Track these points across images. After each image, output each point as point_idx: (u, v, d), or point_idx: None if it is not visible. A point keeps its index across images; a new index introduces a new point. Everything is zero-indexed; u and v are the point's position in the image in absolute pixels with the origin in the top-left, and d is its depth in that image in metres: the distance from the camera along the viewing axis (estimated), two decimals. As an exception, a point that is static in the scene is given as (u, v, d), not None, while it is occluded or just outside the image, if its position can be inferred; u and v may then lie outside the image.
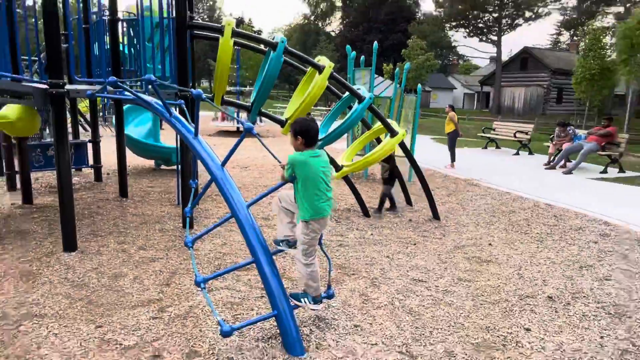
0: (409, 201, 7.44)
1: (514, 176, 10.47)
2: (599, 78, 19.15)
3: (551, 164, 11.90)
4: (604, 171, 11.26)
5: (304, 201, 3.06)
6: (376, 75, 10.16)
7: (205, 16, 66.34)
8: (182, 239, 5.14)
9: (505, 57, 43.68)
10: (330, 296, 3.50)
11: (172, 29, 5.44)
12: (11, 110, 5.73)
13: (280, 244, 3.38)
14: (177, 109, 4.53)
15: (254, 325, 3.24)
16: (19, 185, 6.81)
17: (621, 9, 34.87)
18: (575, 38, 43.22)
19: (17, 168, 6.90)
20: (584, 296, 4.12)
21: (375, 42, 9.03)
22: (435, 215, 6.58)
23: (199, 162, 3.72)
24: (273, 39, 5.45)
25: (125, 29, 6.57)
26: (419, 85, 9.73)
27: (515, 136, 14.94)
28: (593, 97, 20.38)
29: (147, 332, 3.21)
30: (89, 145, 8.25)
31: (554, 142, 12.44)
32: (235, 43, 5.58)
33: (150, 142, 9.60)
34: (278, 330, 3.11)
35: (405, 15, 43.84)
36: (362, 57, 9.69)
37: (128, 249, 4.86)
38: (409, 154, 6.90)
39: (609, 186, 9.75)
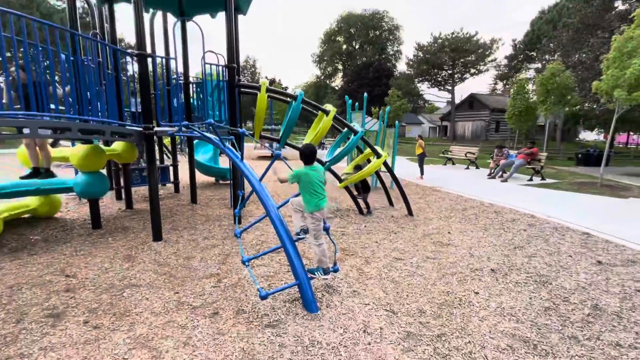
0: (391, 202, 7.35)
1: (465, 184, 10.28)
2: (524, 114, 18.84)
3: (492, 175, 11.68)
4: (530, 179, 11.00)
5: (307, 199, 3.17)
6: (367, 116, 10.17)
7: (249, 77, 67.31)
8: (233, 231, 5.17)
9: (457, 100, 43.29)
10: (335, 270, 3.47)
11: (225, 88, 5.51)
12: (118, 145, 5.89)
13: (299, 233, 3.38)
14: (230, 142, 4.60)
15: (283, 291, 3.23)
16: (123, 196, 6.91)
17: (539, 65, 34.37)
18: (507, 86, 42.69)
19: (122, 184, 7.02)
20: (517, 269, 4.01)
21: (365, 93, 9.05)
22: (410, 212, 6.49)
23: (244, 177, 3.74)
24: (294, 93, 5.51)
25: (194, 88, 6.68)
26: (397, 122, 9.67)
27: (466, 155, 14.72)
28: (521, 127, 19.98)
29: (209, 296, 3.22)
30: (171, 168, 8.36)
31: (493, 159, 12.22)
32: (268, 96, 5.66)
33: (212, 164, 9.69)
34: (299, 295, 3.10)
35: (386, 73, 43.84)
36: (357, 104, 9.71)
37: (197, 239, 4.88)
38: (390, 170, 6.85)
39: (534, 190, 9.52)
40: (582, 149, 19.54)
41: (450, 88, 42.11)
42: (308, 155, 3.24)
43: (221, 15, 6.32)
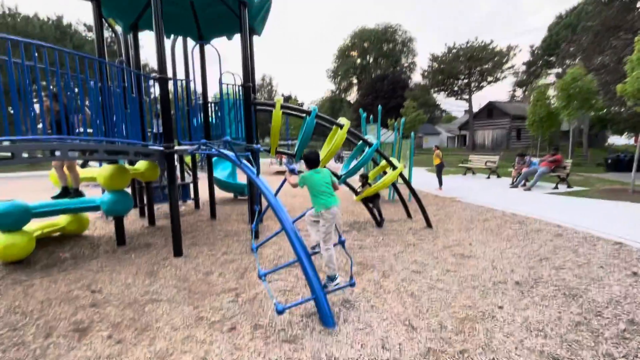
0: (409, 214, 7.23)
1: (486, 194, 9.99)
2: (546, 120, 18.27)
3: (514, 184, 11.30)
4: (556, 187, 10.56)
5: (314, 201, 3.28)
6: (383, 128, 10.17)
7: (266, 94, 69.03)
8: (250, 246, 5.22)
9: (475, 109, 42.64)
10: (352, 285, 3.42)
11: (242, 107, 5.68)
12: (141, 164, 6.14)
13: (315, 247, 3.38)
14: (246, 158, 4.70)
15: (299, 306, 3.21)
16: (146, 213, 7.14)
17: (559, 70, 33.49)
18: (526, 93, 41.75)
19: (145, 202, 7.27)
20: (544, 281, 3.82)
21: (380, 106, 9.10)
22: (429, 224, 6.35)
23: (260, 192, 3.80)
24: (308, 109, 5.61)
25: (213, 107, 6.92)
26: (412, 133, 9.63)
27: (486, 165, 14.34)
28: (543, 134, 19.36)
29: (227, 311, 3.25)
30: (191, 185, 8.59)
31: (515, 168, 11.85)
32: (284, 112, 5.79)
33: (230, 180, 9.90)
34: (316, 309, 3.07)
35: (401, 85, 43.85)
36: (371, 117, 9.75)
37: (215, 254, 4.96)
38: (406, 181, 6.76)
39: (560, 198, 9.12)
40: (612, 154, 18.64)
41: (467, 97, 41.58)
42: (310, 160, 3.41)
43: (237, 37, 6.57)
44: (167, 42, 6.48)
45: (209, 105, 6.84)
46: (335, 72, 61.26)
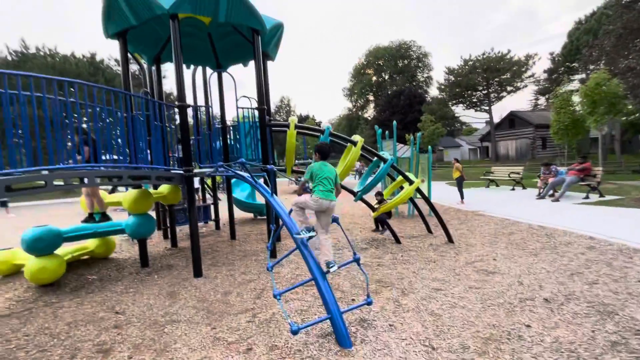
0: (429, 230, 7.05)
1: (511, 206, 9.61)
2: (571, 127, 17.58)
3: (541, 194, 10.83)
4: (586, 197, 10.02)
5: (316, 188, 3.33)
6: (400, 144, 10.14)
7: (284, 115, 70.66)
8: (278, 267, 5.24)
9: (496, 120, 41.75)
10: (369, 303, 3.34)
11: (257, 129, 5.85)
12: (164, 187, 6.38)
13: (301, 232, 3.35)
14: (263, 178, 4.81)
15: (316, 325, 3.17)
16: (169, 235, 7.34)
17: (583, 76, 32.43)
18: (549, 100, 40.62)
19: (168, 224, 7.50)
20: (576, 298, 3.59)
21: (395, 121, 9.11)
22: (450, 239, 6.16)
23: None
24: (322, 127, 5.71)
25: (231, 131, 7.14)
26: (430, 147, 9.52)
27: (509, 176, 13.87)
28: (570, 141, 18.59)
29: (244, 331, 3.24)
30: (212, 206, 8.80)
31: (541, 178, 11.38)
32: (299, 132, 5.92)
33: (250, 201, 10.06)
34: (332, 329, 3.02)
35: (418, 100, 43.69)
36: (387, 132, 9.75)
37: (234, 274, 5.00)
38: (424, 196, 6.63)
39: (592, 208, 8.63)
40: (648, 160, 17.56)
41: (487, 108, 40.86)
42: (322, 151, 3.51)
43: (252, 64, 6.86)
44: (188, 72, 6.86)
45: (227, 128, 7.09)
46: (352, 90, 62.11)
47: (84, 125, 4.43)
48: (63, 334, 3.42)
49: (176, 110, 4.97)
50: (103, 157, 4.23)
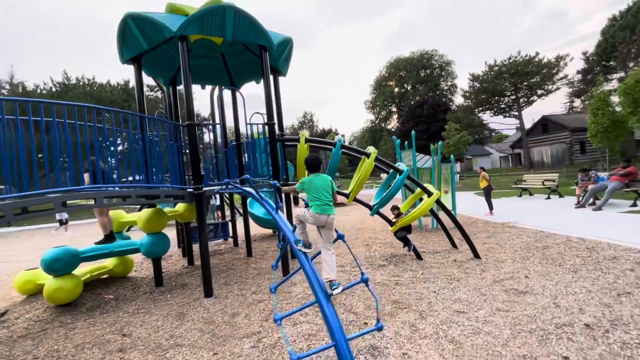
0: (453, 244, 6.59)
1: (546, 217, 8.86)
2: (612, 129, 16.25)
3: (580, 203, 9.93)
4: (634, 205, 9.05)
5: (312, 204, 3.17)
6: (421, 154, 9.77)
7: (307, 130, 71.49)
8: (282, 286, 5.06)
9: (528, 125, 39.80)
10: (379, 329, 3.03)
11: (264, 144, 5.79)
12: (180, 206, 6.43)
13: (298, 243, 3.13)
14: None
15: (320, 353, 2.91)
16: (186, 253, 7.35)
17: (622, 74, 30.32)
18: (585, 102, 38.24)
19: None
20: (624, 323, 3.09)
21: (413, 131, 8.79)
22: (476, 255, 5.69)
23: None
24: (335, 140, 5.55)
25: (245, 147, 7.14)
26: (452, 156, 9.07)
27: (543, 184, 12.93)
28: (611, 145, 17.17)
29: (246, 357, 3.05)
30: (230, 223, 8.80)
31: (579, 185, 10.48)
32: (311, 146, 5.81)
33: (268, 217, 9.97)
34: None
35: (442, 109, 42.61)
36: (406, 142, 9.44)
37: (245, 294, 4.85)
38: (445, 208, 6.21)
39: (641, 217, 7.76)
40: None
41: (516, 113, 39.11)
42: (311, 164, 3.35)
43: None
44: (205, 92, 6.97)
45: (242, 145, 7.10)
46: (374, 102, 61.96)
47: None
48: (69, 357, 3.39)
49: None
50: (114, 177, 4.31)
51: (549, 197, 12.43)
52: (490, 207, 10.05)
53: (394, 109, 61.26)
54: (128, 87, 29.75)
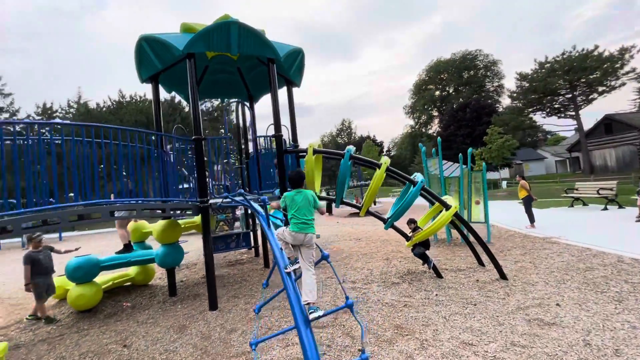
0: (480, 262, 5.99)
1: (597, 231, 7.75)
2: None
3: (644, 216, 8.58)
4: None
5: (291, 222, 3.03)
6: (449, 162, 9.17)
7: (346, 138, 71.33)
8: (286, 300, 4.92)
9: (589, 126, 35.88)
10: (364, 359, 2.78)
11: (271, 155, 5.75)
12: (198, 218, 6.61)
13: (288, 265, 3.03)
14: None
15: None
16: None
17: None
18: (659, 98, 33.62)
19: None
20: (671, 374, 2.50)
21: (439, 137, 8.26)
22: (502, 275, 5.09)
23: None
24: (345, 150, 5.37)
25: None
26: (484, 163, 8.35)
27: (598, 193, 11.43)
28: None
29: (225, 381, 2.95)
30: (252, 233, 8.89)
31: (641, 195, 9.07)
32: (325, 157, 5.69)
33: (291, 227, 9.95)
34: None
35: (486, 111, 40.01)
36: (433, 149, 8.90)
37: (249, 308, 4.79)
38: (465, 222, 5.66)
39: None
40: None
41: (573, 113, 35.53)
42: (293, 180, 3.23)
43: (282, 93, 6.92)
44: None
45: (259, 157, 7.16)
46: (413, 107, 60.25)
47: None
48: (71, 365, 3.54)
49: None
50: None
51: (605, 208, 10.94)
52: (532, 219, 9.08)
53: (435, 113, 59.01)
54: (174, 102, 32.06)
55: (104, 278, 5.83)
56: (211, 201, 4.96)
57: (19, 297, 6.52)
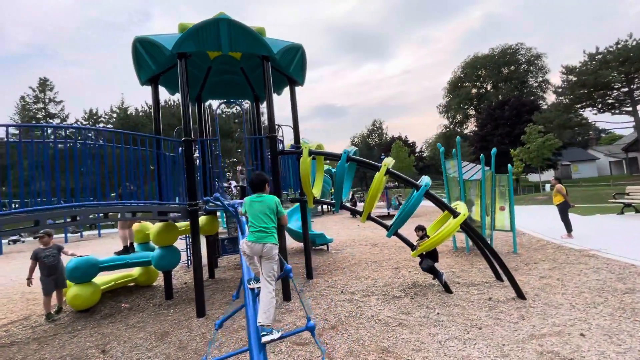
0: (498, 276, 5.32)
1: (652, 244, 6.68)
2: None
3: None
4: None
5: (249, 228, 2.80)
6: (471, 163, 8.43)
7: (376, 138, 70.06)
8: (276, 308, 4.66)
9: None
10: (323, 393, 2.42)
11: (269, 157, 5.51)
12: (201, 219, 6.52)
13: (250, 281, 2.82)
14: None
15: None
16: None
17: None
18: None
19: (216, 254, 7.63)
20: None
21: (458, 137, 7.60)
22: (519, 294, 4.43)
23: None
24: (342, 152, 5.01)
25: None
26: (510, 165, 7.53)
27: (656, 199, 9.97)
28: None
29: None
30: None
31: None
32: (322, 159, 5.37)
33: (301, 230, 9.69)
34: None
35: (527, 108, 37.13)
36: (453, 150, 8.20)
37: (237, 316, 4.46)
38: (473, 230, 5.04)
39: None
40: None
41: (630, 109, 32.01)
42: (253, 184, 2.94)
43: (286, 91, 6.67)
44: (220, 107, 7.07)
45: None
46: (448, 106, 57.72)
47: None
48: (47, 369, 3.52)
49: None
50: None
51: (664, 217, 9.52)
52: (569, 228, 8.06)
53: (472, 112, 56.06)
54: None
55: (106, 278, 5.92)
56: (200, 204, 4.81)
57: (38, 292, 6.84)
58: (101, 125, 32.37)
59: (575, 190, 23.59)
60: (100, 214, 4.26)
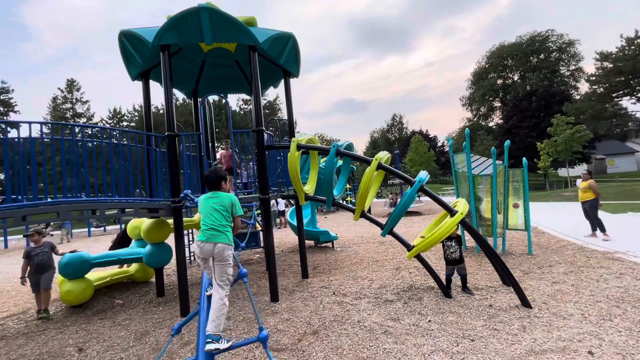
0: (504, 280, 4.87)
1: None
2: None
3: None
4: None
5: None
6: (481, 157, 7.88)
7: (396, 133, 68.65)
8: (270, 309, 4.48)
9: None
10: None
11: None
12: (197, 216, 6.45)
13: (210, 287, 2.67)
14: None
15: None
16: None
17: None
18: None
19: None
20: None
21: (467, 129, 7.08)
22: (524, 302, 3.99)
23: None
24: (331, 145, 4.73)
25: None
26: (524, 159, 6.92)
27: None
28: None
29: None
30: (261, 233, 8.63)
31: None
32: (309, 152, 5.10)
33: (309, 228, 9.48)
34: None
35: (557, 99, 34.92)
36: (464, 143, 7.68)
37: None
38: (474, 231, 4.61)
39: None
40: None
41: (673, 98, 29.41)
42: (207, 180, 2.81)
43: (282, 84, 6.45)
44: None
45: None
46: (471, 98, 55.56)
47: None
48: (22, 366, 3.50)
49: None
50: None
51: None
52: (601, 227, 7.31)
53: (497, 104, 53.64)
54: (221, 102, 33.65)
55: (102, 274, 5.96)
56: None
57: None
58: (124, 124, 33.52)
59: (608, 187, 22.01)
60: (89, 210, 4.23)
